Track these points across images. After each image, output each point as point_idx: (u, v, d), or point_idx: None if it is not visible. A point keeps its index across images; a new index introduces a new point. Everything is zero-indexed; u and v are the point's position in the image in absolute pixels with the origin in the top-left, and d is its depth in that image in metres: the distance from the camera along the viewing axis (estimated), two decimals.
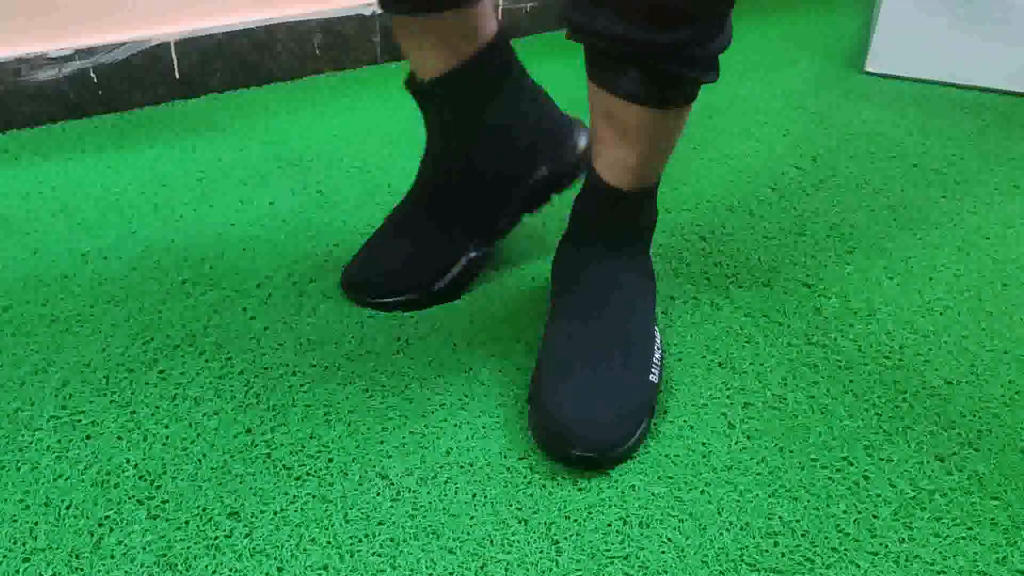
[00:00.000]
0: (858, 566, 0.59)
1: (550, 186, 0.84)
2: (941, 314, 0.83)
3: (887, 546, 0.61)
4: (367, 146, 1.12)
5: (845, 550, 0.60)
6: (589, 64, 0.68)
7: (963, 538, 0.61)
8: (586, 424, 0.65)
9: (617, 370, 0.69)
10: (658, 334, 0.74)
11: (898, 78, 1.35)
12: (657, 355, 0.72)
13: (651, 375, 0.70)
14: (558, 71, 1.34)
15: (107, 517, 0.62)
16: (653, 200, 0.74)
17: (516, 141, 0.80)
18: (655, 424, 0.70)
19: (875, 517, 0.63)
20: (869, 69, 1.35)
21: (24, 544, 0.60)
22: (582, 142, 0.84)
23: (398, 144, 1.12)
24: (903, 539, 0.61)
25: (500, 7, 1.42)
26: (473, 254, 0.83)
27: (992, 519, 0.63)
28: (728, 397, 0.73)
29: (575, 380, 0.68)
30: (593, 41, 0.64)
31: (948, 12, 1.27)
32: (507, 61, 0.78)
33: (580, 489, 0.65)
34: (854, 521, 0.62)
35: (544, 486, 0.65)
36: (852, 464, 0.67)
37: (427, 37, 0.73)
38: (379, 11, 1.30)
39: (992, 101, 1.27)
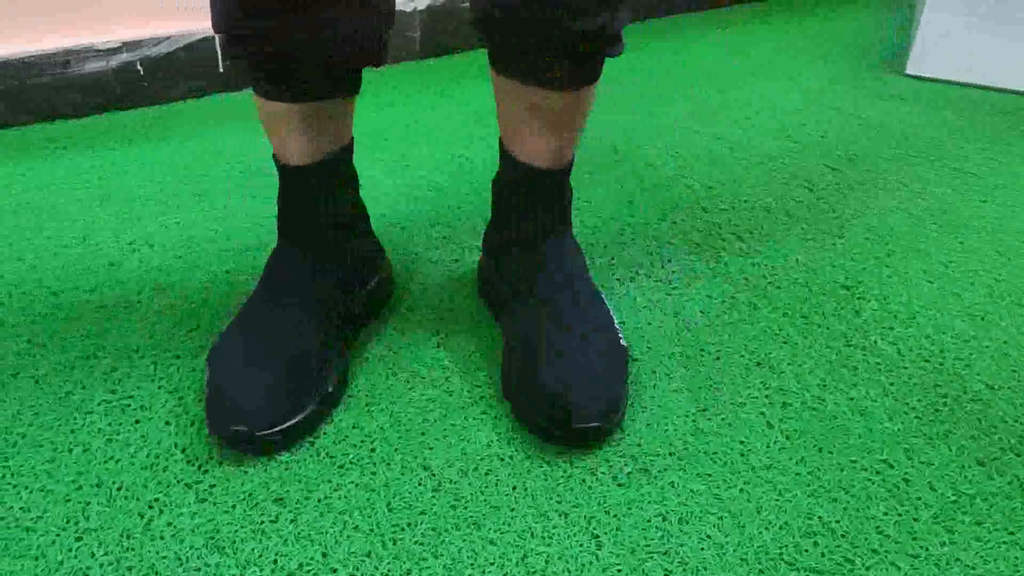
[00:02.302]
0: (898, 568, 0.59)
1: (382, 295, 0.82)
2: (982, 319, 0.83)
3: (928, 549, 0.61)
4: (405, 141, 1.13)
5: (885, 552, 0.60)
6: (507, 61, 0.68)
7: (1004, 543, 0.61)
8: (588, 398, 0.67)
9: (596, 342, 0.71)
10: (605, 300, 0.77)
11: (937, 81, 1.34)
12: (613, 318, 0.75)
13: (620, 340, 0.73)
14: None
15: (157, 499, 0.63)
16: (567, 176, 0.76)
17: (363, 240, 0.78)
18: (695, 421, 0.71)
19: (915, 520, 0.63)
20: (910, 71, 1.35)
21: (77, 524, 0.62)
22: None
23: (437, 139, 1.13)
24: (944, 542, 0.61)
25: None
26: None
27: None
28: (767, 397, 0.73)
29: (564, 359, 0.69)
30: (522, 34, 0.65)
31: (991, 15, 1.26)
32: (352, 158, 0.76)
33: (620, 484, 0.65)
34: (894, 523, 0.62)
35: (584, 480, 0.66)
36: (892, 467, 0.67)
37: (307, 122, 0.69)
38: (421, 7, 1.31)
39: None
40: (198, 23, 1.18)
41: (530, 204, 0.75)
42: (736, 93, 1.30)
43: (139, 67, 1.15)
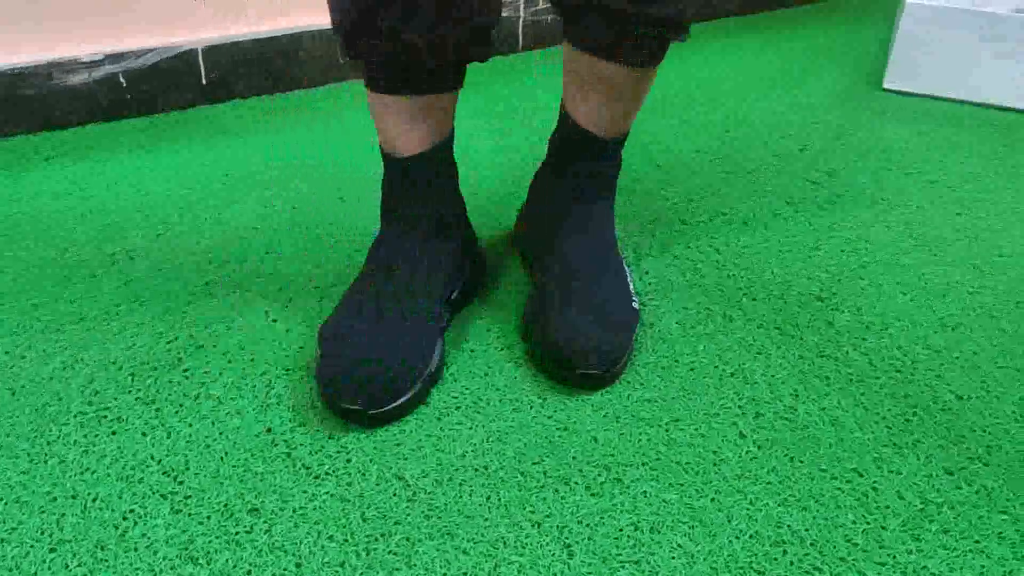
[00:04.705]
0: None
1: (476, 282, 0.86)
2: (954, 330, 0.84)
3: (895, 557, 0.61)
4: None
5: (853, 560, 0.61)
6: (574, 31, 0.75)
7: (970, 551, 0.62)
8: (588, 348, 0.73)
9: (608, 300, 0.78)
10: (627, 265, 0.83)
11: (914, 95, 1.36)
12: (631, 287, 0.81)
13: (633, 303, 0.79)
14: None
15: (131, 511, 0.64)
16: (621, 147, 0.82)
17: (462, 227, 0.82)
18: (668, 432, 0.71)
19: (883, 528, 0.64)
20: (887, 86, 1.36)
21: (51, 535, 0.62)
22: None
23: None
24: (911, 550, 0.62)
25: (522, 19, 1.44)
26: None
27: (1000, 533, 0.63)
28: (740, 407, 0.74)
29: (574, 310, 0.76)
30: (597, 15, 0.71)
31: (966, 31, 1.28)
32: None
33: (593, 494, 0.66)
34: (862, 532, 0.63)
35: (557, 490, 0.66)
36: (862, 475, 0.68)
37: (418, 114, 0.74)
38: None
39: (1010, 120, 1.28)
40: (181, 36, 1.19)
41: (580, 165, 0.81)
42: (719, 106, 1.31)
43: (122, 79, 1.16)
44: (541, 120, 1.24)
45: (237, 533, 0.62)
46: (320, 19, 1.27)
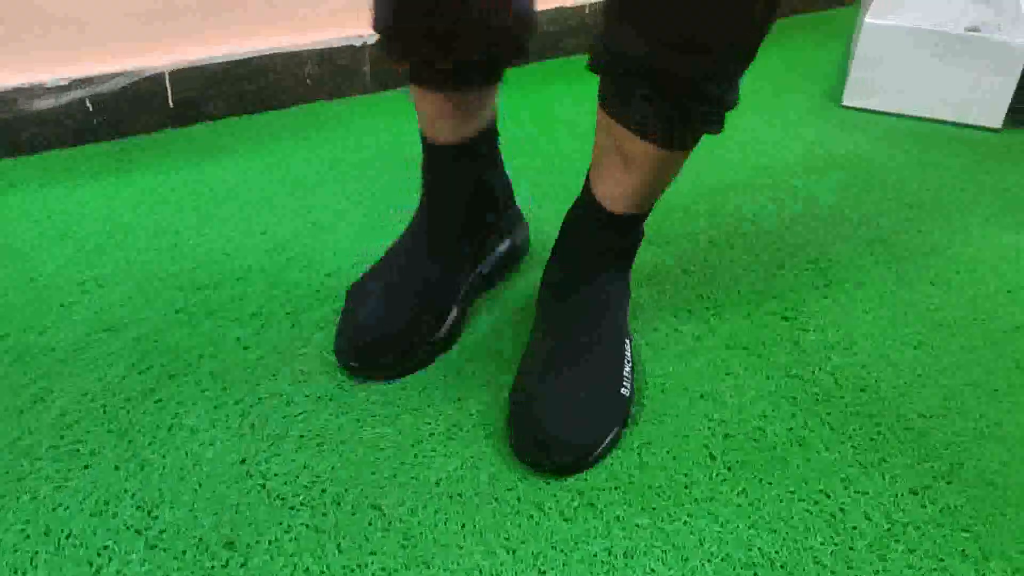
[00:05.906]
0: None
1: (513, 259, 0.95)
2: (916, 348, 0.86)
3: None
4: (362, 174, 1.14)
5: None
6: (604, 95, 0.71)
7: (935, 570, 0.64)
8: (557, 439, 0.70)
9: (589, 386, 0.74)
10: (629, 346, 0.79)
11: (874, 112, 1.38)
12: (627, 368, 0.77)
13: (623, 388, 0.75)
14: (561, 96, 1.36)
15: (106, 547, 0.64)
16: (642, 223, 0.80)
17: (497, 209, 0.90)
18: (640, 455, 0.72)
19: (851, 549, 0.65)
20: (845, 103, 1.39)
21: (24, 573, 0.62)
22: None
23: (391, 171, 1.15)
24: (878, 571, 0.63)
25: None
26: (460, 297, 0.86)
27: (963, 551, 0.65)
28: (710, 429, 0.76)
29: (548, 395, 0.72)
30: (616, 65, 0.68)
31: (924, 48, 1.31)
32: (497, 133, 0.87)
33: (567, 520, 0.67)
34: (831, 553, 0.65)
35: (531, 516, 0.67)
36: (829, 497, 0.69)
37: (449, 109, 0.79)
38: (370, 41, 1.33)
39: (968, 136, 1.31)
40: (148, 60, 1.19)
41: (590, 238, 0.80)
42: None
43: (88, 104, 1.15)
44: (527, 127, 1.25)
45: (212, 567, 0.62)
46: (291, 39, 1.27)
